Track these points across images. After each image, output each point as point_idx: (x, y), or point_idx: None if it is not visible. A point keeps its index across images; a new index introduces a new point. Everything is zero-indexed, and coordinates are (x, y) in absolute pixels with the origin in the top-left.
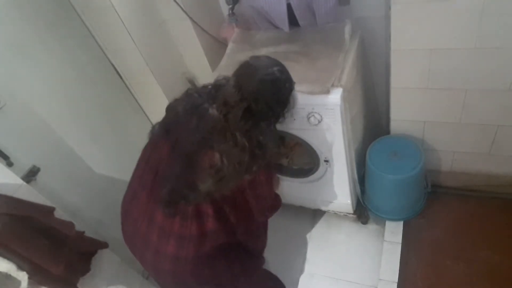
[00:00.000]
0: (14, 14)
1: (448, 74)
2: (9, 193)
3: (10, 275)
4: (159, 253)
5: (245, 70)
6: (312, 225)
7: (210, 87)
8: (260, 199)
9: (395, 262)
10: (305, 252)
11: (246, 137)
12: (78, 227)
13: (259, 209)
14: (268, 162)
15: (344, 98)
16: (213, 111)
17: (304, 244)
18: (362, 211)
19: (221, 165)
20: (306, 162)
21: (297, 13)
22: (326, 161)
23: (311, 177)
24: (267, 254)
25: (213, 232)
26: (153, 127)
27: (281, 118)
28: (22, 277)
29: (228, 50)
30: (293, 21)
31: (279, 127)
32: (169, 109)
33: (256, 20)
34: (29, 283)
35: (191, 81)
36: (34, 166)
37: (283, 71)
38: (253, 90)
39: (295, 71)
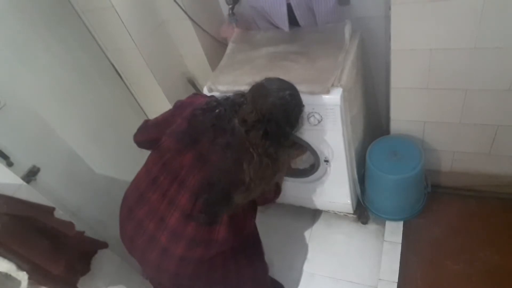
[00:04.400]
0: (14, 14)
1: (448, 74)
2: (9, 193)
3: (10, 275)
4: (166, 253)
5: (259, 91)
6: (312, 225)
7: (230, 100)
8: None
9: (395, 262)
10: (305, 252)
11: (266, 155)
12: (78, 227)
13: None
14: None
15: (344, 98)
16: (239, 128)
17: (304, 244)
18: (362, 211)
19: (250, 182)
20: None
21: (297, 13)
22: (326, 161)
23: (311, 177)
24: (268, 254)
25: (224, 239)
26: (145, 121)
27: (290, 137)
28: (22, 277)
29: (228, 50)
30: (293, 21)
31: None
32: (194, 118)
33: (256, 20)
34: (29, 283)
35: (191, 81)
36: (34, 166)
37: (294, 94)
38: (266, 112)
39: (295, 71)
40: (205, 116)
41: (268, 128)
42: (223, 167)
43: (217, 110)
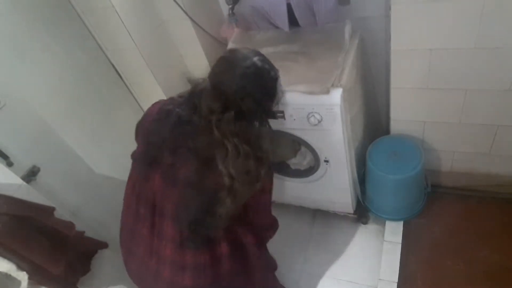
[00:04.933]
0: (14, 14)
1: (448, 74)
2: (9, 193)
3: (10, 275)
4: (173, 286)
5: (223, 67)
6: (312, 225)
7: (188, 95)
8: (260, 212)
9: (395, 262)
10: (305, 252)
11: (246, 142)
12: (78, 227)
13: (259, 224)
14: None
15: (344, 98)
16: (202, 124)
17: (304, 244)
18: (362, 211)
19: (231, 182)
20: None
21: (297, 13)
22: (326, 161)
23: (311, 177)
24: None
25: (227, 256)
26: (133, 153)
27: (272, 112)
28: (22, 277)
29: None
30: (293, 21)
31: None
32: (150, 134)
33: (256, 20)
34: (29, 283)
35: (191, 81)
36: (34, 166)
37: (264, 59)
38: (236, 89)
39: (295, 71)
40: (160, 126)
41: (244, 107)
42: (192, 179)
43: (173, 113)
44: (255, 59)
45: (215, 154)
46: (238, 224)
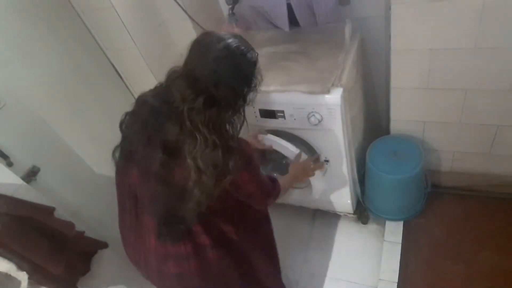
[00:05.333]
0: (14, 14)
1: (448, 74)
2: (9, 193)
3: (10, 275)
4: (162, 274)
5: (195, 51)
6: (312, 225)
7: (164, 83)
8: (252, 196)
9: (395, 262)
10: (305, 252)
11: (215, 131)
12: (78, 227)
13: (257, 201)
14: (246, 157)
15: (344, 98)
16: (173, 114)
17: (304, 244)
18: (362, 211)
19: (198, 175)
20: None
21: (297, 13)
22: (326, 161)
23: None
24: None
25: (211, 246)
26: (114, 150)
27: (249, 98)
28: (22, 277)
29: None
30: (293, 21)
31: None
32: (125, 128)
33: (256, 20)
34: (29, 283)
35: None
36: (34, 166)
37: (240, 41)
38: (209, 74)
39: (295, 71)
40: (134, 119)
41: (217, 94)
42: (161, 173)
43: (148, 104)
44: (230, 41)
45: (184, 146)
46: (219, 219)
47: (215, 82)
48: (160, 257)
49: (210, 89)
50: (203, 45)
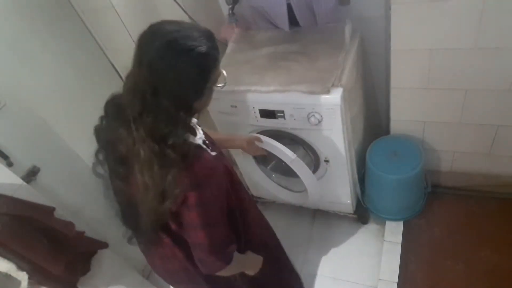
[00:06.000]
0: (14, 14)
1: (448, 74)
2: (9, 193)
3: (10, 275)
4: (155, 267)
5: (144, 38)
6: (312, 225)
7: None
8: (191, 235)
9: (395, 262)
10: (305, 252)
11: (156, 139)
12: (78, 227)
13: (201, 252)
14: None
15: (344, 98)
16: (123, 122)
17: (304, 244)
18: (362, 211)
19: (145, 190)
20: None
21: (297, 13)
22: (326, 161)
23: None
24: None
25: (184, 259)
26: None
27: (200, 104)
28: (22, 277)
29: (228, 50)
30: (293, 21)
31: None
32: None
33: (256, 20)
34: (29, 283)
35: None
36: (34, 166)
37: (194, 24)
38: (144, 80)
39: (295, 71)
40: (100, 134)
41: (153, 101)
42: (121, 186)
43: (109, 107)
44: (181, 25)
45: (133, 157)
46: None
47: (160, 79)
48: (150, 253)
49: (156, 88)
50: (139, 45)
